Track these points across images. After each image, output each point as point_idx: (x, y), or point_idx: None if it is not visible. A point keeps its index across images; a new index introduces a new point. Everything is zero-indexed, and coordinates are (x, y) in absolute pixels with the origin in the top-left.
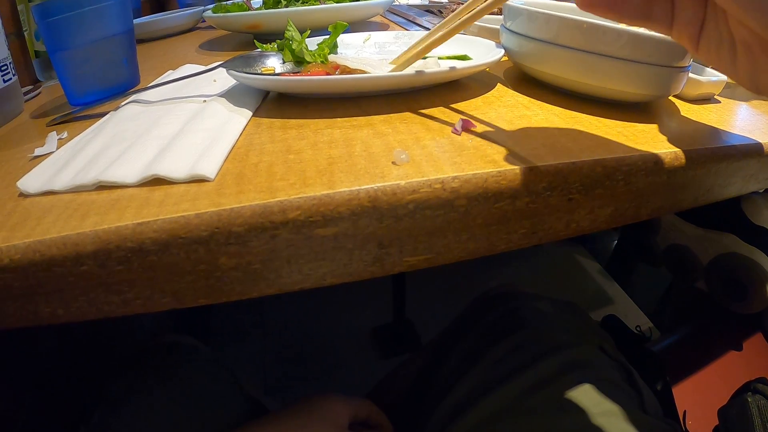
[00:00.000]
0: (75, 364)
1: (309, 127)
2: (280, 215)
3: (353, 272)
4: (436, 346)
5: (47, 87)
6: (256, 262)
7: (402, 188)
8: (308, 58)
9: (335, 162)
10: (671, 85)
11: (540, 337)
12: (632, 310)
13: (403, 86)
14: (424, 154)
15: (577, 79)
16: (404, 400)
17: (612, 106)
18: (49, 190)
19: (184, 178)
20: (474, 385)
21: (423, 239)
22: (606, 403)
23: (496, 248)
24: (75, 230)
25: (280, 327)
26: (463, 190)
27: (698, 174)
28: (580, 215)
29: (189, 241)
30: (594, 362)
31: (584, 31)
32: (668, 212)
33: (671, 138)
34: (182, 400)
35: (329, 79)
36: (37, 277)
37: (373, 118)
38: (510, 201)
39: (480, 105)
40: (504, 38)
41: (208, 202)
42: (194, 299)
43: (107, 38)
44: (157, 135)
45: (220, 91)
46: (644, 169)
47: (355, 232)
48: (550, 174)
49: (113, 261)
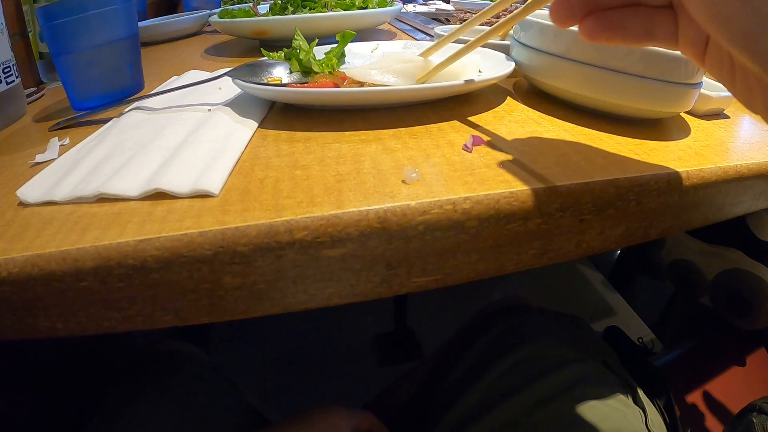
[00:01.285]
0: (74, 370)
1: (316, 140)
2: (287, 235)
3: (360, 293)
4: (439, 358)
5: (51, 89)
6: (260, 282)
7: (412, 209)
8: (316, 68)
9: (343, 179)
10: (683, 102)
11: (545, 353)
12: (634, 321)
13: (413, 99)
14: (434, 172)
15: (589, 95)
16: (406, 413)
17: (623, 122)
18: (50, 201)
19: (187, 193)
20: (478, 400)
21: (432, 260)
22: (610, 421)
23: (505, 269)
24: (75, 245)
25: (281, 334)
26: (475, 211)
27: (709, 193)
28: (590, 236)
29: (192, 260)
30: (598, 379)
31: (596, 45)
32: (678, 232)
33: (682, 156)
34: (181, 408)
35: (337, 91)
36: (35, 291)
37: (382, 132)
38: (522, 222)
39: (490, 120)
40: (515, 51)
41: (212, 220)
42: (197, 317)
43: (111, 43)
44: (160, 145)
45: (225, 99)
46: (656, 189)
47: (364, 253)
48: (563, 195)
49: (114, 278)
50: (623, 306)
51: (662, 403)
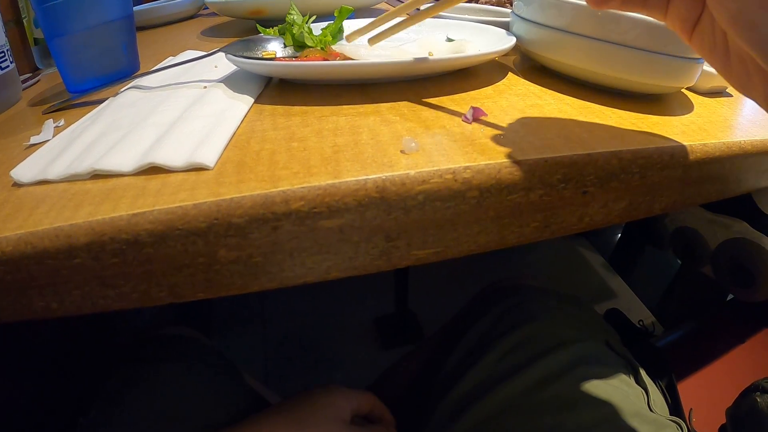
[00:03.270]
0: (74, 355)
1: (313, 114)
2: (283, 206)
3: (359, 266)
4: (440, 338)
5: (46, 75)
6: (257, 255)
7: (411, 178)
8: (309, 42)
9: (341, 150)
10: (686, 77)
11: (546, 332)
12: (635, 304)
13: (411, 73)
14: (434, 143)
15: (591, 69)
16: (407, 394)
17: (625, 97)
18: (44, 180)
19: (182, 167)
20: (480, 380)
21: (432, 232)
22: (612, 400)
23: (507, 242)
24: (68, 221)
25: (282, 317)
26: (476, 181)
27: (713, 169)
28: (593, 209)
29: (186, 233)
30: (600, 358)
31: (599, 18)
32: (681, 207)
33: (686, 131)
34: (182, 392)
35: (331, 64)
36: (29, 270)
37: (380, 105)
38: (524, 193)
39: (491, 94)
40: (515, 26)
41: (206, 192)
42: (192, 293)
43: (106, 23)
44: (155, 122)
45: (221, 76)
46: (660, 162)
47: (362, 224)
48: (566, 165)
49: (107, 253)
50: (624, 289)
51: (664, 383)
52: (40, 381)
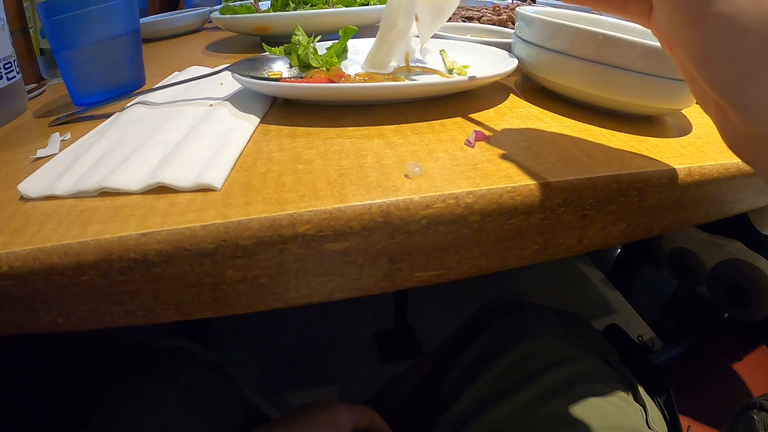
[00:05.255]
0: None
1: (318, 135)
2: (290, 229)
3: (362, 287)
4: (440, 354)
5: (52, 85)
6: (263, 276)
7: (415, 203)
8: (314, 63)
9: (346, 173)
10: (684, 99)
11: (545, 350)
12: (634, 319)
13: (415, 96)
14: (437, 167)
15: (591, 91)
16: (406, 409)
17: (624, 119)
18: (51, 195)
19: (189, 187)
20: (479, 396)
21: (435, 255)
22: (611, 418)
23: (508, 264)
24: (76, 239)
25: (281, 331)
26: (478, 205)
27: (710, 190)
28: (593, 231)
29: (194, 254)
30: (599, 375)
31: (598, 42)
32: (679, 228)
33: (684, 153)
34: (180, 406)
35: (335, 87)
36: (36, 285)
37: (384, 128)
38: (524, 217)
39: (493, 116)
40: (517, 47)
41: (214, 213)
42: (199, 312)
43: (113, 38)
44: (162, 140)
45: (226, 94)
46: (658, 185)
47: (366, 247)
48: (566, 190)
49: (116, 272)
50: (623, 304)
51: (663, 400)
52: (40, 392)
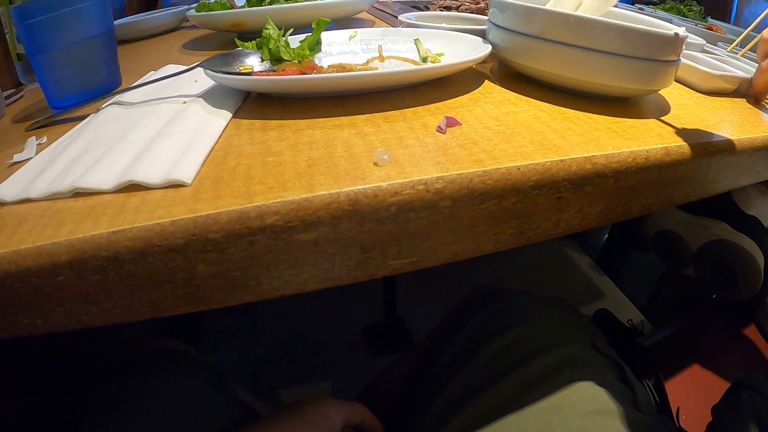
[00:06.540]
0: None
1: (289, 127)
2: (258, 221)
3: (335, 277)
4: (427, 345)
5: (30, 90)
6: (234, 269)
7: (384, 190)
8: (285, 56)
9: (315, 164)
10: (660, 80)
11: (532, 336)
12: (624, 303)
13: (387, 85)
14: (407, 154)
15: (565, 74)
16: (396, 402)
17: (601, 101)
18: (26, 198)
19: (160, 184)
20: (467, 385)
21: (407, 242)
22: (599, 402)
23: (483, 249)
24: (50, 240)
25: (270, 327)
26: (448, 191)
27: (690, 169)
28: (569, 214)
29: (165, 249)
30: (586, 360)
31: (571, 25)
32: (659, 209)
33: (662, 133)
34: (172, 406)
35: (305, 78)
36: (13, 288)
37: (356, 117)
38: (497, 201)
39: (466, 102)
40: (491, 33)
41: (184, 209)
42: (174, 308)
43: (86, 39)
44: (134, 138)
45: (200, 91)
46: (634, 165)
47: (336, 236)
48: (538, 172)
49: (89, 270)
50: (612, 289)
51: (651, 383)
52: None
